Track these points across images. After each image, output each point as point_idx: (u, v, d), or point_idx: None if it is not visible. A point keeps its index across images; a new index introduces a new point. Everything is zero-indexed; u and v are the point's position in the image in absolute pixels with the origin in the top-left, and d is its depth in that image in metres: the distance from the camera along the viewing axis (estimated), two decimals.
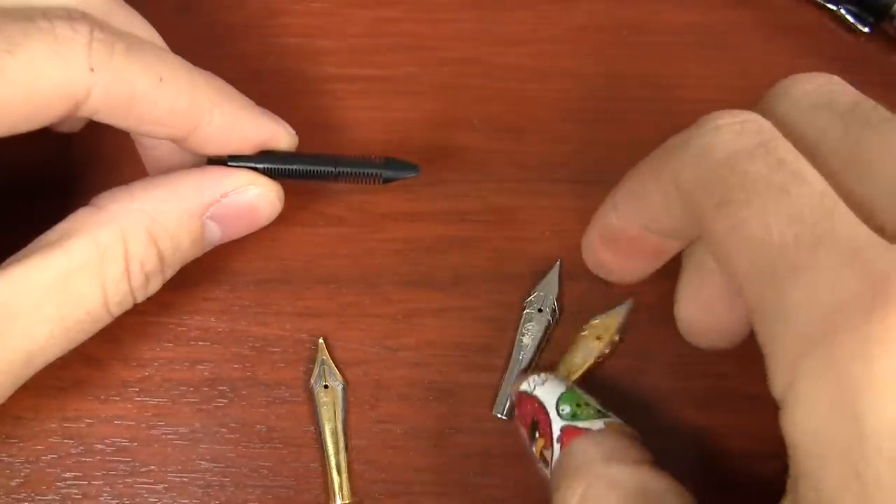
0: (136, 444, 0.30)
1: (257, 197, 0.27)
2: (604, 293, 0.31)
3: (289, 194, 0.32)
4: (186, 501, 0.30)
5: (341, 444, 0.30)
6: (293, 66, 0.33)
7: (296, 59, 0.33)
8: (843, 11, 0.33)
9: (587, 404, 0.27)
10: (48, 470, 0.30)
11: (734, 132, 0.22)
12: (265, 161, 0.27)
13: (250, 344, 0.31)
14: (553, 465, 0.26)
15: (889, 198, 0.21)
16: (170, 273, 0.27)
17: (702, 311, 0.27)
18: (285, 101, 0.33)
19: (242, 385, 0.31)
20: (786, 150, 0.21)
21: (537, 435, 0.26)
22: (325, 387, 0.30)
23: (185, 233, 0.26)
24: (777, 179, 0.21)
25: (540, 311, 0.31)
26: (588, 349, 0.30)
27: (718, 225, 0.21)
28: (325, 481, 0.30)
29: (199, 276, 0.31)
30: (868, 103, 0.23)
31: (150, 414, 0.30)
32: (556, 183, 0.32)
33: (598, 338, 0.30)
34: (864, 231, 0.19)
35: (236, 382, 0.31)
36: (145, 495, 0.30)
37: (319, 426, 0.30)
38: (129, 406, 0.30)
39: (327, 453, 0.30)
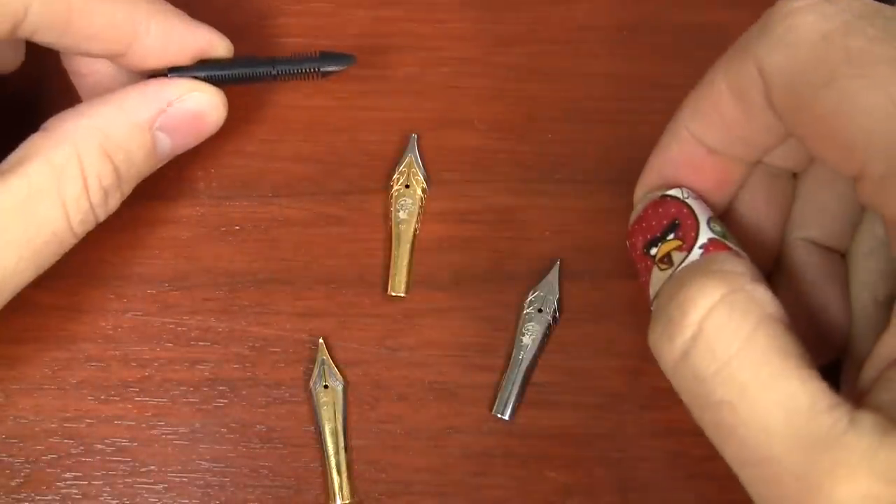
0: (136, 444, 0.30)
1: (201, 103, 0.27)
2: (603, 292, 0.31)
3: (288, 195, 0.32)
4: (186, 501, 0.30)
5: (341, 444, 0.30)
6: None
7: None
8: None
9: (730, 235, 0.26)
10: (48, 470, 0.30)
11: (818, 13, 0.21)
12: (204, 69, 0.28)
13: (250, 344, 0.31)
14: (684, 265, 0.24)
15: None
16: (127, 189, 0.27)
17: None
18: (285, 100, 0.33)
19: (242, 385, 0.31)
20: (884, 25, 0.21)
21: (673, 235, 0.25)
22: (325, 387, 0.30)
23: (137, 145, 0.27)
24: (883, 51, 0.20)
25: (540, 311, 0.31)
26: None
27: (827, 101, 0.20)
28: (325, 481, 0.30)
29: (199, 275, 0.31)
30: None
31: (150, 414, 0.30)
32: (556, 183, 0.32)
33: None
34: None
35: (236, 382, 0.31)
36: (145, 495, 0.30)
37: (319, 426, 0.30)
38: (129, 406, 0.30)
39: (327, 453, 0.30)
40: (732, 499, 0.29)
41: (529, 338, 0.31)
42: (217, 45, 0.28)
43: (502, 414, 0.30)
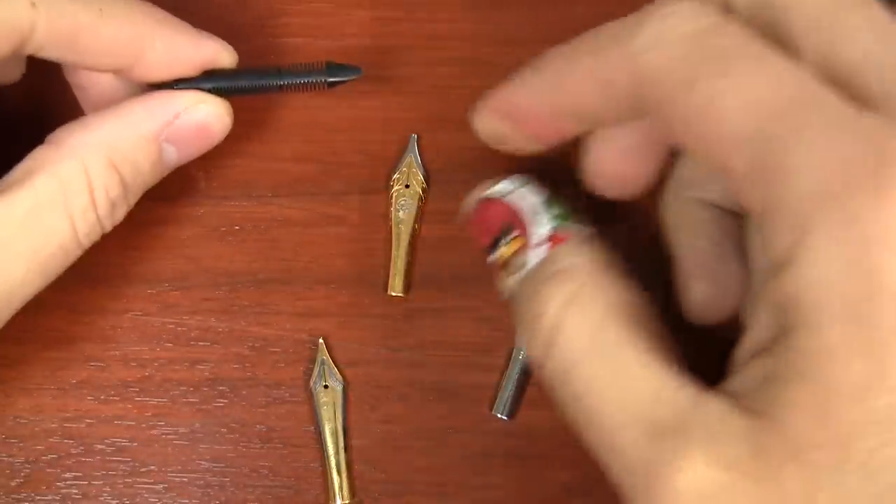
0: (136, 444, 0.30)
1: (207, 114, 0.28)
2: None
3: (288, 195, 0.32)
4: (186, 501, 0.30)
5: (341, 444, 0.30)
6: None
7: (296, 59, 0.33)
8: None
9: (570, 211, 0.26)
10: (48, 470, 0.30)
11: (692, 14, 0.22)
12: (210, 81, 0.28)
13: (250, 344, 0.31)
14: (534, 267, 0.25)
15: (870, 66, 0.21)
16: (133, 199, 0.27)
17: (615, 162, 0.27)
18: (285, 100, 0.33)
19: (242, 385, 0.31)
20: (747, 29, 0.21)
21: (511, 236, 0.25)
22: (325, 387, 0.30)
23: (144, 157, 0.27)
24: (752, 50, 0.21)
25: None
26: None
27: (692, 102, 0.21)
28: (325, 481, 0.30)
29: (199, 275, 0.31)
30: None
31: (150, 414, 0.30)
32: (556, 183, 0.32)
33: None
34: (842, 97, 0.20)
35: (236, 382, 0.31)
36: (145, 495, 0.30)
37: (319, 426, 0.30)
38: (129, 406, 0.30)
39: (327, 453, 0.30)
40: None
41: None
42: (222, 55, 0.28)
43: (502, 414, 0.30)
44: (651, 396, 0.21)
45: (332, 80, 0.29)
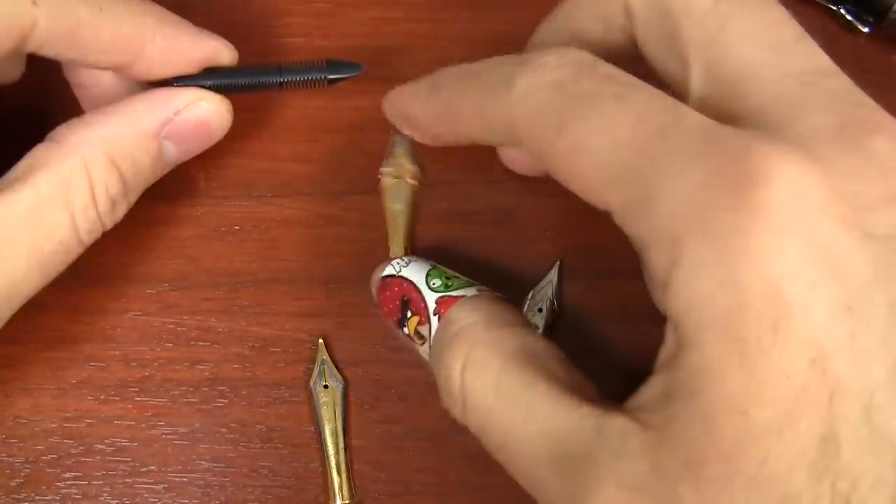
0: (136, 444, 0.30)
1: (208, 111, 0.28)
2: (603, 292, 0.31)
3: (288, 195, 0.32)
4: (186, 501, 0.30)
5: (341, 444, 0.30)
6: None
7: (297, 58, 0.33)
8: (843, 11, 0.33)
9: (456, 277, 0.27)
10: (48, 470, 0.30)
11: (557, 64, 0.22)
12: (210, 78, 0.28)
13: (250, 344, 0.31)
14: (432, 338, 0.26)
15: (751, 77, 0.21)
16: (133, 197, 0.28)
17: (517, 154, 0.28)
18: (285, 100, 0.33)
19: (242, 385, 0.31)
20: (610, 67, 0.22)
21: (409, 314, 0.27)
22: (325, 387, 0.30)
23: (144, 154, 0.27)
24: (609, 90, 0.21)
25: (540, 311, 0.31)
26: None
27: (561, 146, 0.21)
28: (325, 481, 0.30)
29: (199, 276, 0.31)
30: None
31: (150, 414, 0.30)
32: (556, 183, 0.32)
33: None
34: (705, 118, 0.20)
35: (236, 382, 0.31)
36: (145, 495, 0.30)
37: (319, 426, 0.30)
38: (129, 406, 0.30)
39: (327, 453, 0.30)
40: None
41: None
42: (222, 53, 0.28)
43: None
44: (559, 432, 0.22)
45: (332, 76, 0.29)
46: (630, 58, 0.25)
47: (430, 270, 0.27)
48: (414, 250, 0.31)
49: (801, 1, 0.34)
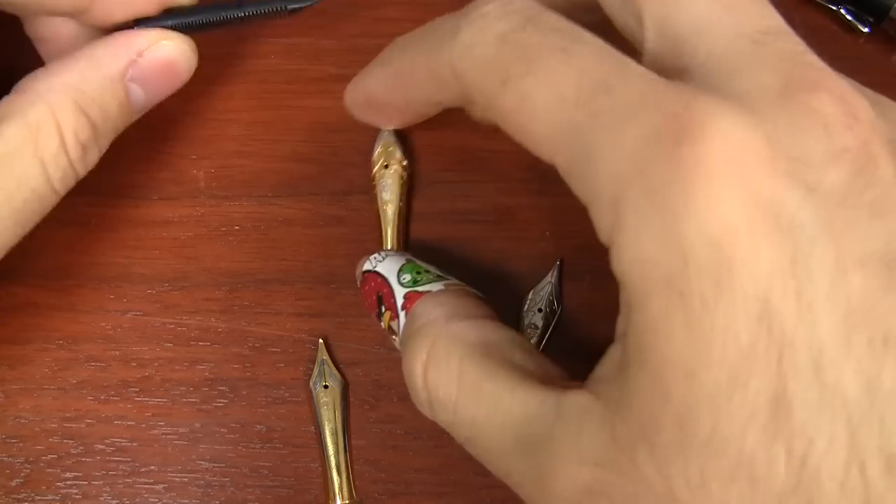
0: (136, 444, 0.30)
1: (172, 51, 0.27)
2: (604, 292, 0.31)
3: (288, 195, 0.32)
4: (186, 501, 0.30)
5: (341, 444, 0.30)
6: (293, 66, 0.33)
7: (296, 58, 0.33)
8: (843, 11, 0.33)
9: (427, 271, 0.27)
10: (48, 470, 0.30)
11: (501, 14, 0.22)
12: (171, 18, 0.28)
13: (250, 344, 0.31)
14: (401, 333, 0.26)
15: (699, 32, 0.21)
16: (105, 142, 0.27)
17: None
18: (285, 100, 0.33)
19: (242, 385, 0.31)
20: (556, 18, 0.21)
21: (384, 309, 0.27)
22: (325, 387, 0.30)
23: (111, 98, 0.27)
24: (554, 43, 0.21)
25: (540, 311, 0.31)
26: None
27: (507, 101, 0.21)
28: (325, 481, 0.30)
29: (199, 276, 0.31)
30: None
31: (150, 414, 0.30)
32: (556, 183, 0.32)
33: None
34: (650, 74, 0.20)
35: (236, 382, 0.31)
36: (145, 495, 0.30)
37: (319, 426, 0.30)
38: (129, 406, 0.30)
39: (327, 453, 0.30)
40: None
41: (529, 338, 0.31)
42: None
43: None
44: (521, 419, 0.21)
45: (291, 6, 0.29)
46: (585, 7, 0.24)
47: (403, 265, 0.27)
48: (409, 243, 0.31)
49: (800, 1, 0.34)
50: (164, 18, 0.28)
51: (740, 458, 0.18)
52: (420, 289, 0.26)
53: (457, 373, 0.23)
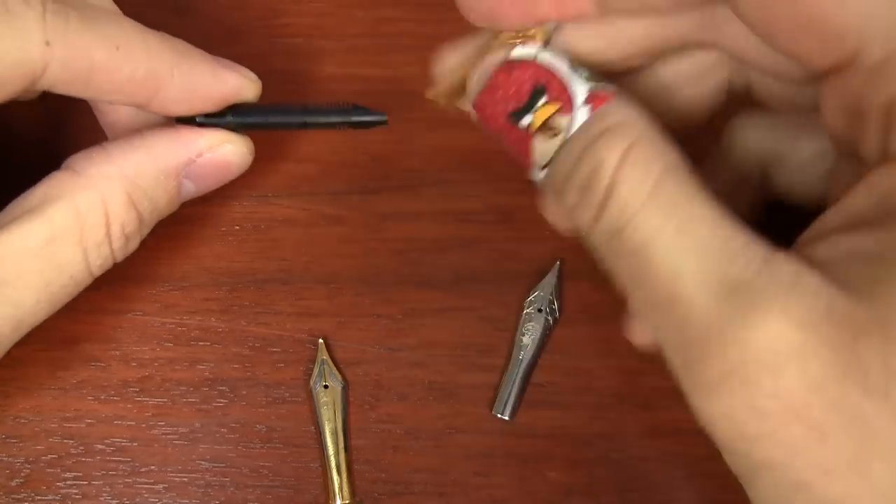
0: (136, 444, 0.30)
1: (231, 153, 0.27)
2: (604, 292, 0.31)
3: (288, 195, 0.32)
4: (186, 501, 0.30)
5: (341, 444, 0.30)
6: (293, 66, 0.33)
7: (296, 59, 0.33)
8: None
9: (595, 73, 0.24)
10: (48, 470, 0.30)
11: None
12: (235, 116, 0.27)
13: (250, 344, 0.31)
14: (579, 127, 0.23)
15: None
16: (146, 231, 0.27)
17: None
18: (285, 101, 0.33)
19: (242, 385, 0.31)
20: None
21: (542, 101, 0.24)
22: (325, 387, 0.30)
23: (163, 192, 0.26)
24: None
25: (540, 311, 0.31)
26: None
27: None
28: (325, 481, 0.30)
29: (199, 276, 0.31)
30: None
31: (150, 414, 0.30)
32: None
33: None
34: None
35: (236, 382, 0.31)
36: (145, 495, 0.30)
37: (319, 426, 0.30)
38: (129, 406, 0.30)
39: (327, 453, 0.30)
40: (732, 498, 0.29)
41: (529, 338, 0.31)
42: (245, 88, 0.27)
43: (502, 414, 0.30)
44: (719, 250, 0.20)
45: (356, 120, 0.28)
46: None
47: (572, 63, 0.24)
48: (415, 254, 0.31)
49: None
50: (228, 116, 0.27)
51: None
52: (608, 88, 0.23)
53: (656, 178, 0.21)
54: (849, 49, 0.19)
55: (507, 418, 0.30)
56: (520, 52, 0.24)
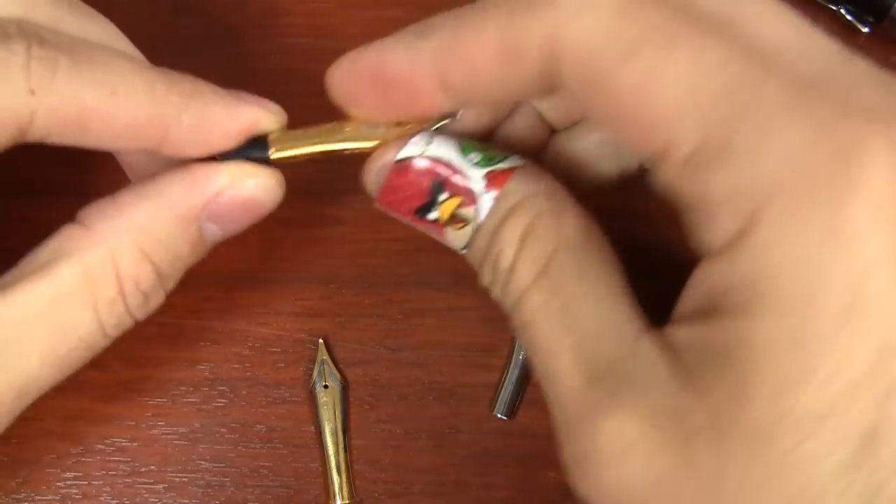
0: (135, 443, 0.30)
1: (255, 189, 0.25)
2: None
3: (288, 195, 0.32)
4: (186, 501, 0.30)
5: (341, 444, 0.30)
6: (294, 66, 0.33)
7: (296, 59, 0.33)
8: (843, 11, 0.33)
9: (488, 147, 0.24)
10: (48, 470, 0.30)
11: None
12: (255, 150, 0.25)
13: (250, 344, 0.31)
14: (485, 215, 0.23)
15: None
16: (172, 284, 0.25)
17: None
18: (285, 101, 0.32)
19: (242, 385, 0.31)
20: None
21: (443, 197, 0.23)
22: (325, 387, 0.30)
23: (182, 240, 0.24)
24: (686, 20, 0.19)
25: None
26: None
27: (626, 78, 0.19)
28: (325, 481, 0.30)
29: (199, 276, 0.31)
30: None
31: (150, 414, 0.30)
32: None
33: None
34: (804, 68, 0.19)
35: (236, 382, 0.31)
36: (145, 495, 0.30)
37: (319, 426, 0.30)
38: (129, 406, 0.30)
39: (327, 453, 0.30)
40: None
41: None
42: (264, 119, 0.25)
43: (502, 414, 0.30)
44: (595, 331, 0.20)
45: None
46: None
47: (461, 144, 0.23)
48: (416, 254, 0.31)
49: (801, 1, 0.34)
50: (247, 149, 0.24)
51: (811, 482, 0.17)
52: (502, 166, 0.23)
53: (546, 258, 0.21)
54: (661, 140, 0.19)
55: (506, 418, 0.30)
56: (407, 150, 0.24)
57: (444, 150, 0.23)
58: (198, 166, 0.24)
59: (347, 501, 0.30)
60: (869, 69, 0.20)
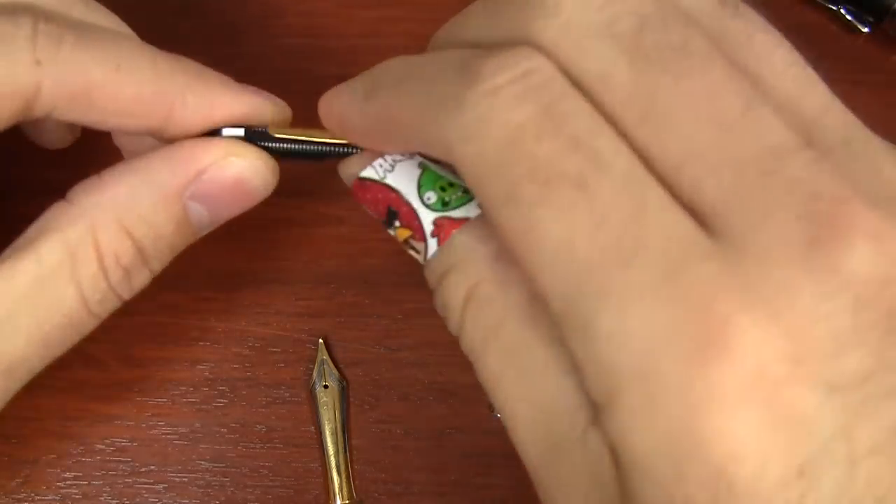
0: (136, 444, 0.30)
1: (242, 168, 0.24)
2: None
3: (288, 195, 0.32)
4: (186, 501, 0.30)
5: (341, 444, 0.30)
6: (294, 66, 0.33)
7: (296, 59, 0.33)
8: (843, 11, 0.33)
9: (451, 185, 0.23)
10: (48, 470, 0.30)
11: (514, 96, 0.18)
12: (255, 138, 0.24)
13: (250, 344, 0.31)
14: (429, 258, 0.22)
15: (694, 160, 0.18)
16: (157, 264, 0.25)
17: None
18: (285, 101, 0.33)
19: (242, 385, 0.31)
20: (577, 114, 0.18)
21: (398, 224, 0.23)
22: (325, 387, 0.30)
23: (165, 218, 0.24)
24: (572, 168, 0.17)
25: None
26: None
27: (511, 224, 0.18)
28: (325, 481, 0.30)
29: (199, 276, 0.31)
30: (655, 23, 0.18)
31: (150, 414, 0.30)
32: None
33: None
34: (679, 229, 0.17)
35: (236, 382, 0.31)
36: (145, 495, 0.30)
37: (319, 426, 0.30)
38: (129, 406, 0.30)
39: (327, 453, 0.30)
40: None
41: None
42: (267, 110, 0.25)
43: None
44: (550, 407, 0.20)
45: None
46: None
47: (421, 178, 0.23)
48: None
49: (801, 1, 0.34)
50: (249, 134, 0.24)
51: None
52: (454, 214, 0.22)
53: (494, 324, 0.21)
54: (540, 287, 0.18)
55: None
56: (368, 172, 0.23)
57: (403, 181, 0.23)
58: (184, 143, 0.24)
59: (347, 501, 0.30)
60: None
